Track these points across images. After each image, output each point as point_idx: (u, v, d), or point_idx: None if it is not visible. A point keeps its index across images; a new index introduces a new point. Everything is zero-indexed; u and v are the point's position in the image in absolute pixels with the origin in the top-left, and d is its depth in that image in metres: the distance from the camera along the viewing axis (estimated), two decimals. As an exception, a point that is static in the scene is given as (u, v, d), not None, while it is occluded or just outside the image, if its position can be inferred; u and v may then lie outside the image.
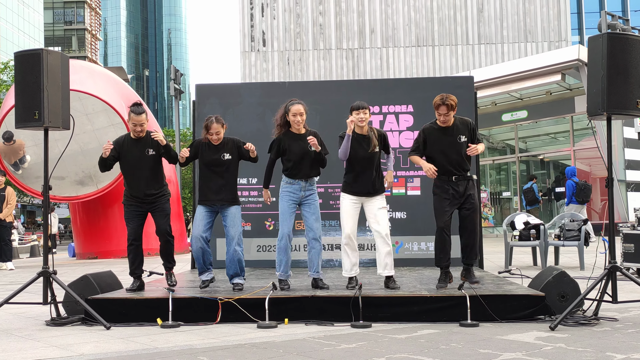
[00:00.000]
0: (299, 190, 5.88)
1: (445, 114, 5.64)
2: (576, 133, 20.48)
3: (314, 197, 5.94)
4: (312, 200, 5.92)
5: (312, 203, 5.91)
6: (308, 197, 5.90)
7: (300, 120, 5.84)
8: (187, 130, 43.29)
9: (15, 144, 13.29)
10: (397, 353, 3.88)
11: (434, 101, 5.72)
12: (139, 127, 5.90)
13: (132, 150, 5.94)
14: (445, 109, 5.62)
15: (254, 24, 33.91)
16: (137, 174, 5.95)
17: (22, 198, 34.29)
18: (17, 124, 5.43)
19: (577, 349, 3.90)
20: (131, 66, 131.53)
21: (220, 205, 5.96)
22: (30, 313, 5.94)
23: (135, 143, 5.96)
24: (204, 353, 4.02)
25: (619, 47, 4.86)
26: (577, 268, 8.87)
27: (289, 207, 5.87)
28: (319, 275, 5.82)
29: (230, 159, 5.97)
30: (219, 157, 5.92)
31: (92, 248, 15.08)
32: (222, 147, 5.95)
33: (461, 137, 5.70)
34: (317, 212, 5.91)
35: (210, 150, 5.95)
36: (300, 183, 5.88)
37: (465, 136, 5.71)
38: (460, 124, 5.75)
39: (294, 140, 5.89)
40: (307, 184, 5.91)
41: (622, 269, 4.99)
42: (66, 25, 79.76)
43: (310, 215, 5.87)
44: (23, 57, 5.37)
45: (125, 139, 6.03)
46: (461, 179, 5.69)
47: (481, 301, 4.92)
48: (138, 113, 5.86)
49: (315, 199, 5.95)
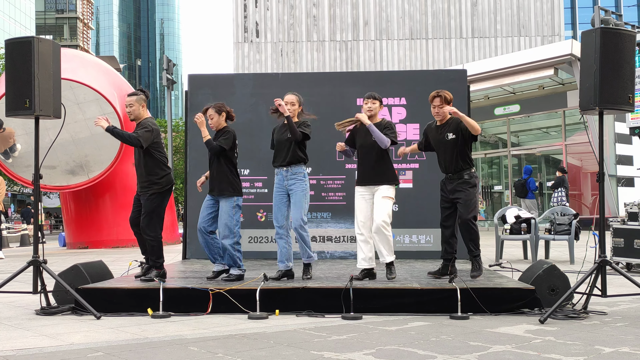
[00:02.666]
0: (283, 180, 5.90)
1: (439, 105, 5.65)
2: (568, 128, 20.56)
3: (296, 185, 5.84)
4: (295, 189, 5.85)
5: (295, 192, 5.84)
6: (292, 185, 5.87)
7: (292, 109, 5.88)
8: (180, 120, 43.10)
9: (5, 132, 13.20)
10: (387, 345, 3.89)
11: (429, 96, 5.75)
12: (128, 108, 5.98)
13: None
14: (439, 100, 5.65)
15: (248, 15, 33.77)
16: (136, 160, 6.03)
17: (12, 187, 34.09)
18: (7, 112, 5.38)
19: (566, 342, 3.93)
20: (123, 55, 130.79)
21: (217, 195, 5.96)
22: (20, 302, 5.92)
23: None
24: (194, 343, 4.02)
25: (612, 42, 4.87)
26: (567, 262, 8.93)
27: (278, 199, 5.92)
28: (308, 260, 5.88)
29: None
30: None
31: (83, 238, 15.03)
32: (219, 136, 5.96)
33: (448, 135, 5.71)
34: (297, 200, 5.81)
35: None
36: (282, 172, 5.89)
37: (453, 133, 5.70)
38: (452, 122, 5.74)
39: (280, 128, 6.00)
40: (289, 173, 5.86)
41: (612, 263, 5.02)
42: (58, 13, 79.13)
43: (292, 205, 5.88)
44: (14, 45, 5.32)
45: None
46: (454, 178, 5.71)
47: (472, 294, 4.94)
48: (129, 95, 5.98)
49: (298, 187, 5.83)
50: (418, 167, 8.38)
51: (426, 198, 8.05)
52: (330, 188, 8.35)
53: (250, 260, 7.95)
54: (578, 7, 61.82)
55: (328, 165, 8.39)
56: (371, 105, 5.80)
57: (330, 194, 8.30)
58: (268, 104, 8.63)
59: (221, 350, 3.80)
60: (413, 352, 3.70)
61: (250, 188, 8.41)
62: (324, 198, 8.34)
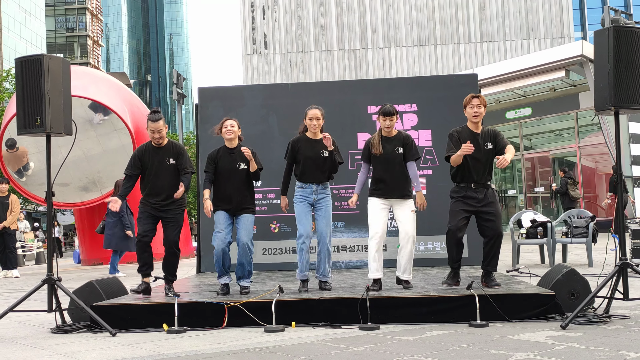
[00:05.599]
0: (311, 194, 5.87)
1: (477, 105, 5.54)
2: (581, 129, 20.39)
3: (326, 200, 5.91)
4: (324, 204, 5.89)
5: (324, 207, 5.88)
6: (320, 200, 5.88)
7: (317, 124, 5.83)
8: (191, 134, 43.26)
9: (18, 151, 13.29)
10: (406, 355, 3.82)
11: (464, 100, 5.64)
12: (157, 134, 5.80)
13: (152, 159, 5.88)
14: (477, 100, 5.54)
15: (256, 27, 33.91)
16: (156, 182, 5.87)
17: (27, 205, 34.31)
18: (19, 130, 5.39)
19: (589, 348, 3.84)
20: (133, 71, 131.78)
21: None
22: (35, 321, 5.90)
23: (157, 151, 5.89)
24: (211, 358, 3.97)
25: (625, 41, 4.80)
26: (586, 265, 8.80)
27: (303, 209, 5.85)
28: (324, 278, 5.78)
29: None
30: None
31: (98, 254, 15.05)
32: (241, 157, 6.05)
33: (488, 145, 5.58)
34: (327, 216, 5.88)
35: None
36: (312, 187, 5.87)
37: (491, 144, 5.56)
38: (488, 131, 5.63)
39: (308, 143, 5.88)
40: (319, 188, 5.89)
41: (633, 265, 4.92)
42: (68, 32, 79.96)
43: (320, 219, 5.85)
44: (24, 63, 5.34)
45: (146, 147, 5.96)
46: (480, 187, 5.60)
47: (490, 301, 4.85)
48: (155, 120, 5.77)
49: (327, 202, 5.92)
50: (431, 174, 8.31)
51: (441, 205, 7.95)
52: (343, 197, 8.29)
53: (264, 272, 7.91)
54: (587, 8, 61.53)
55: (341, 175, 8.30)
56: (389, 123, 5.73)
57: (344, 204, 8.23)
58: (279, 115, 8.64)
59: (238, 365, 3.74)
60: (433, 362, 3.63)
61: (262, 199, 8.37)
62: (338, 207, 8.28)
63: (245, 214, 5.91)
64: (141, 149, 5.99)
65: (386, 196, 5.76)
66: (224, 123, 5.97)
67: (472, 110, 5.57)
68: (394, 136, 5.80)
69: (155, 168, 5.87)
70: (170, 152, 5.89)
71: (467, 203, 5.56)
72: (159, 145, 5.89)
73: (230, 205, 5.90)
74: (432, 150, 8.36)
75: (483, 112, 5.58)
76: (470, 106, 5.58)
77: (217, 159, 5.95)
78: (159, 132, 5.79)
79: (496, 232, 5.46)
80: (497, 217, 5.50)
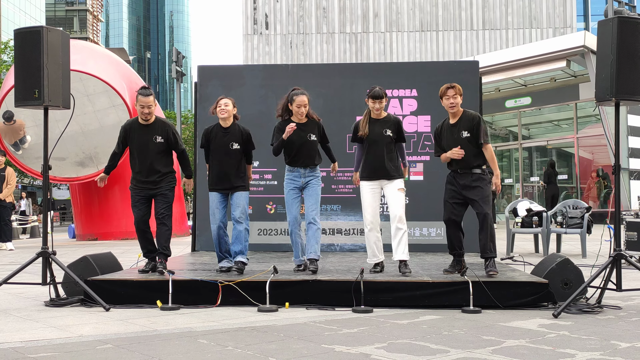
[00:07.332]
0: (299, 177, 5.88)
1: (453, 95, 5.53)
2: (580, 120, 20.38)
3: (314, 181, 5.91)
4: (312, 184, 5.90)
5: (311, 187, 5.89)
6: (309, 182, 5.89)
7: (304, 111, 5.84)
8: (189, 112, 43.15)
9: (15, 124, 13.23)
10: (399, 338, 3.84)
11: (439, 91, 5.63)
12: (146, 109, 5.80)
13: (140, 136, 5.87)
14: (453, 91, 5.53)
15: (257, 7, 33.68)
16: (143, 160, 5.87)
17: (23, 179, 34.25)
18: (16, 102, 5.35)
19: (581, 336, 3.86)
20: (133, 48, 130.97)
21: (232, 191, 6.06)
22: (29, 293, 5.91)
23: (144, 129, 5.88)
24: (203, 336, 3.98)
25: (629, 32, 4.77)
26: (579, 256, 8.84)
27: (291, 194, 5.89)
28: (310, 256, 5.72)
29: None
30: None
31: (92, 229, 15.06)
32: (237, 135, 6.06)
33: (463, 133, 5.60)
34: (315, 195, 5.86)
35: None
36: (300, 170, 5.88)
37: (468, 132, 5.58)
38: (465, 118, 5.64)
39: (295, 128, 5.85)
40: (307, 171, 5.90)
41: (627, 256, 4.94)
42: (68, 6, 79.34)
43: (307, 198, 5.87)
44: (23, 35, 5.28)
45: (132, 124, 5.95)
46: (465, 172, 5.60)
47: (484, 287, 4.88)
48: (146, 95, 5.79)
49: (315, 183, 5.92)
50: (429, 160, 8.30)
51: (437, 191, 7.93)
52: (340, 180, 8.29)
53: (259, 253, 7.92)
54: (590, -1, 61.28)
55: (338, 158, 8.30)
56: (378, 106, 5.76)
57: (340, 187, 8.24)
58: (278, 96, 8.56)
59: (231, 343, 3.76)
60: (425, 346, 3.65)
61: (259, 180, 8.37)
62: (334, 190, 8.29)
63: (239, 192, 5.93)
64: (126, 127, 5.97)
65: (373, 177, 5.80)
66: (218, 102, 5.96)
67: (448, 102, 5.61)
68: (383, 118, 5.81)
69: (143, 146, 5.87)
70: (158, 130, 5.89)
71: (454, 190, 5.63)
72: (147, 122, 5.88)
73: (223, 185, 5.92)
74: (430, 137, 8.35)
75: (459, 101, 5.59)
76: (447, 97, 5.59)
77: (210, 138, 5.96)
78: (149, 107, 5.81)
79: (481, 213, 5.45)
80: (481, 198, 5.48)
